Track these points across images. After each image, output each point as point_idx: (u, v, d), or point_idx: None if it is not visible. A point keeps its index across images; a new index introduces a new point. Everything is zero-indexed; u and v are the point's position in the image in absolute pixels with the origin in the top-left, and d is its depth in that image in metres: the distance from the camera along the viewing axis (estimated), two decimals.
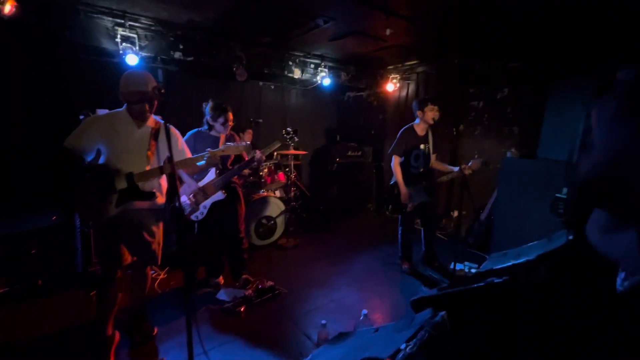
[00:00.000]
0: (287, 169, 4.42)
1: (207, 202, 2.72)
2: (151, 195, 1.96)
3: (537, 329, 1.82)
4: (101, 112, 2.83)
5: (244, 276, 2.99)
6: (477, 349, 1.63)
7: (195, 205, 2.69)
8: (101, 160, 1.90)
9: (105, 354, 1.98)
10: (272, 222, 3.92)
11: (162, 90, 1.50)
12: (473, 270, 3.06)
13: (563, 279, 2.15)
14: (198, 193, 2.64)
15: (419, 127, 3.20)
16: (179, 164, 2.07)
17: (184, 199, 2.65)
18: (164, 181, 2.13)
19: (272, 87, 5.21)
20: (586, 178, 0.51)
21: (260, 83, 5.04)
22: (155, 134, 2.03)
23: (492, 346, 1.78)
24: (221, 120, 2.70)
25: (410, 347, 1.18)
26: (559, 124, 3.32)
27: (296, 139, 3.83)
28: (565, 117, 3.26)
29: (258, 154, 2.71)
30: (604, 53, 2.97)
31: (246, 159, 2.80)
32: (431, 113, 3.11)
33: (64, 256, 2.86)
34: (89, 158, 1.91)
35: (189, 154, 2.19)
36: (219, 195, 2.72)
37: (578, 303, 1.71)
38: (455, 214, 4.53)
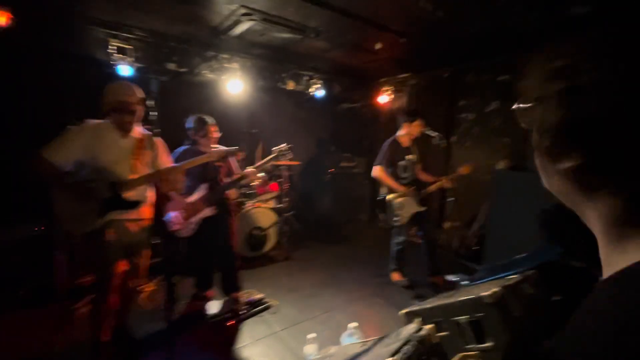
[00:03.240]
0: (280, 179, 4.42)
1: (196, 218, 2.64)
2: (135, 204, 1.94)
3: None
4: (90, 122, 2.82)
5: (234, 295, 2.85)
6: None
7: (184, 221, 2.60)
8: (84, 171, 1.89)
9: None
10: (264, 233, 3.89)
11: (146, 102, 1.51)
12: (463, 282, 3.04)
13: (551, 292, 2.13)
14: (187, 209, 2.58)
15: (403, 138, 3.25)
16: (164, 172, 2.05)
17: (173, 214, 2.56)
18: (151, 194, 2.11)
19: (266, 98, 5.24)
20: None
21: (254, 94, 5.08)
22: (140, 145, 2.03)
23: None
24: (202, 133, 2.65)
25: None
26: None
27: (291, 156, 3.83)
28: None
29: (248, 170, 2.69)
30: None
31: (233, 167, 2.81)
32: (416, 129, 3.17)
33: (47, 268, 2.80)
34: (69, 168, 1.88)
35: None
36: (209, 212, 2.66)
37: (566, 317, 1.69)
38: (448, 225, 4.53)
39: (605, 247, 0.41)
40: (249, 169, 2.69)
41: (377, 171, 3.22)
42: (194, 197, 2.63)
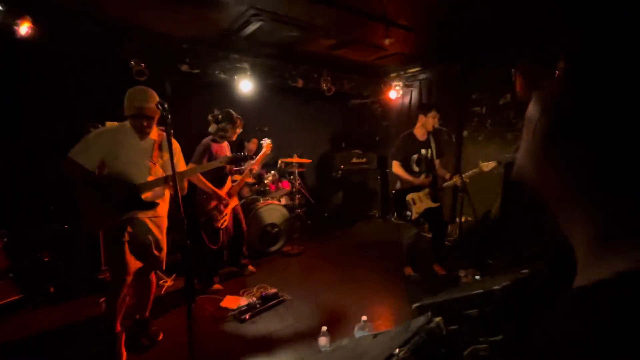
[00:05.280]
0: (291, 177, 4.48)
1: (229, 209, 3.02)
2: (152, 205, 2.03)
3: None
4: (110, 124, 2.95)
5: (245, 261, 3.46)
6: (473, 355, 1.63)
7: (220, 214, 2.92)
8: (106, 171, 2.00)
9: (115, 347, 2.06)
10: (277, 229, 3.96)
11: (165, 105, 1.58)
12: (477, 277, 3.04)
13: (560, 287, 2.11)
14: (223, 201, 2.90)
15: (419, 132, 3.22)
16: (180, 175, 2.14)
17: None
18: (168, 192, 2.21)
19: (277, 96, 5.29)
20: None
21: (265, 93, 5.13)
22: (159, 146, 2.12)
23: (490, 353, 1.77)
24: (230, 125, 3.01)
25: (403, 352, 1.20)
26: None
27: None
28: None
29: (251, 163, 3.17)
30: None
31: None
32: (432, 120, 3.13)
33: (75, 264, 2.96)
34: (94, 169, 1.99)
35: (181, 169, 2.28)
36: (236, 201, 3.08)
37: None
38: (462, 219, 4.50)
39: None
40: (251, 162, 3.18)
41: (395, 167, 3.22)
42: (225, 189, 2.96)
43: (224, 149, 3.01)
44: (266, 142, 3.27)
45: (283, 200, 4.45)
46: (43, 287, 2.82)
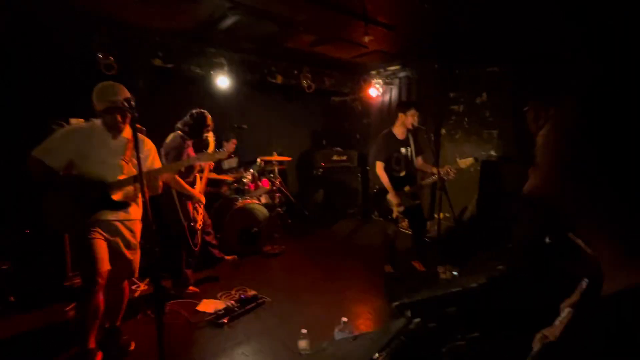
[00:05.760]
0: (271, 175, 4.40)
1: (202, 209, 2.95)
2: (122, 206, 1.93)
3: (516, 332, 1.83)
4: (75, 121, 2.77)
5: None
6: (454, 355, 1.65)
7: (197, 215, 2.85)
8: (74, 171, 1.87)
9: None
10: (256, 229, 3.88)
11: (132, 102, 1.48)
12: (454, 273, 3.09)
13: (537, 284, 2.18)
14: (199, 202, 2.83)
15: (398, 130, 3.23)
16: (153, 173, 2.03)
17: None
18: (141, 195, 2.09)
19: (256, 92, 5.18)
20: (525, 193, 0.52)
21: (244, 89, 5.01)
22: (130, 145, 2.01)
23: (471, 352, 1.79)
24: (206, 128, 2.89)
25: (382, 357, 1.18)
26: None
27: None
28: None
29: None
30: (577, 57, 3.07)
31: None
32: (411, 118, 3.14)
33: (39, 271, 2.77)
34: (60, 169, 1.87)
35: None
36: (203, 200, 2.94)
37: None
38: (441, 216, 4.58)
39: None
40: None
41: (378, 168, 3.18)
42: (197, 189, 2.83)
43: (191, 147, 2.90)
44: (210, 137, 3.04)
45: (263, 199, 4.37)
46: (2, 296, 2.63)
